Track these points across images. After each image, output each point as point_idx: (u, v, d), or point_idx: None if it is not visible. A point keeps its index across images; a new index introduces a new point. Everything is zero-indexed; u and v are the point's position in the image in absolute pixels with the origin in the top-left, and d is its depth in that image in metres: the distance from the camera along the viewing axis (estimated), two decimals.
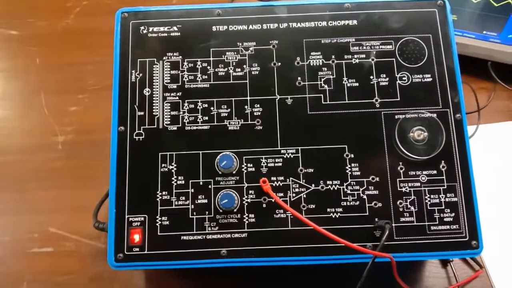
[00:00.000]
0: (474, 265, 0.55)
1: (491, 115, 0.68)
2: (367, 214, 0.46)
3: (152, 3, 0.84)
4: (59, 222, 0.60)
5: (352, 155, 0.47)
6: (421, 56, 0.49)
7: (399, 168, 0.46)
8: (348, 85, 0.49)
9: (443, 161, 0.46)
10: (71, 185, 0.63)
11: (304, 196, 0.46)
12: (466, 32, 0.69)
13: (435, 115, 0.47)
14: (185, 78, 0.49)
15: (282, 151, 0.47)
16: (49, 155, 0.66)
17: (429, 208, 0.46)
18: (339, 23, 0.50)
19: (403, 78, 0.49)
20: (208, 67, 0.49)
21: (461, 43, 0.69)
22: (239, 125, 0.48)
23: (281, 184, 0.46)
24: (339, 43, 0.50)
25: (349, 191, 0.46)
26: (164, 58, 0.49)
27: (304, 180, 0.46)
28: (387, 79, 0.49)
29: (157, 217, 0.46)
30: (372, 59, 0.49)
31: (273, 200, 0.45)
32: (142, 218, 0.46)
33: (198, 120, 0.48)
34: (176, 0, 0.84)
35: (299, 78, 0.49)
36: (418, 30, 0.50)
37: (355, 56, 0.49)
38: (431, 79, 0.48)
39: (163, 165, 0.47)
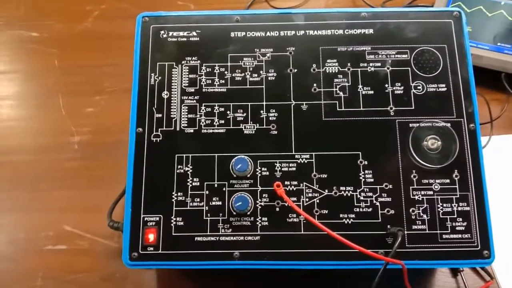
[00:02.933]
0: (485, 275, 0.54)
1: (504, 127, 0.68)
2: (380, 221, 0.46)
3: (169, 9, 0.86)
4: (74, 220, 0.61)
5: (366, 162, 0.47)
6: (436, 66, 0.50)
7: (412, 176, 0.47)
8: (363, 92, 0.49)
9: (456, 170, 0.47)
10: (86, 185, 0.64)
11: (317, 201, 0.47)
12: (480, 43, 0.69)
13: (449, 124, 0.48)
14: (203, 82, 0.50)
15: (296, 156, 0.48)
16: (65, 155, 0.67)
17: (441, 216, 0.46)
18: (355, 31, 0.51)
19: (418, 87, 0.49)
20: (226, 72, 0.50)
21: (475, 54, 0.70)
22: (255, 129, 0.48)
23: (294, 189, 0.47)
24: (355, 51, 0.50)
25: (362, 198, 0.47)
26: (183, 62, 0.51)
27: (317, 185, 0.47)
28: (402, 87, 0.49)
29: (172, 217, 0.46)
30: (388, 68, 0.50)
31: (286, 204, 0.46)
32: (157, 218, 0.46)
33: (214, 123, 0.49)
34: (194, 7, 0.86)
35: (314, 85, 0.50)
36: (434, 40, 0.50)
37: (371, 64, 0.50)
38: (445, 88, 0.49)
39: (179, 166, 0.48)
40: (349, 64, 0.50)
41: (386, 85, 0.49)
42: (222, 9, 0.85)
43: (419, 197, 0.46)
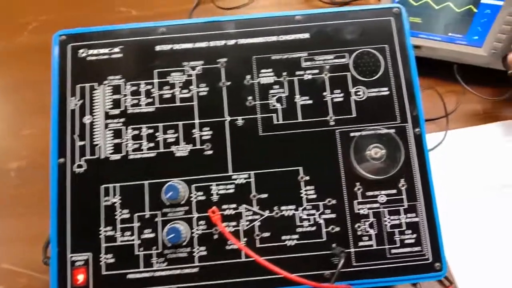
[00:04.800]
0: (444, 280, 0.52)
1: (461, 119, 0.66)
2: (325, 239, 0.43)
3: (112, 16, 0.81)
4: (12, 256, 0.57)
5: (307, 177, 0.44)
6: (377, 68, 0.47)
7: (356, 188, 0.44)
8: (301, 102, 0.46)
9: (402, 180, 0.44)
10: (25, 213, 0.60)
11: (258, 224, 0.43)
12: (432, 35, 0.66)
13: (392, 130, 0.45)
14: (128, 103, 0.46)
15: (233, 177, 0.44)
16: (1, 181, 0.62)
17: (389, 230, 0.43)
18: (290, 37, 0.47)
19: (358, 93, 0.46)
20: (153, 90, 0.46)
21: (428, 46, 0.67)
22: (187, 150, 0.45)
23: (233, 212, 0.44)
24: (291, 58, 0.47)
25: (304, 216, 0.44)
26: (105, 82, 0.46)
27: (257, 207, 0.44)
28: (342, 94, 0.46)
29: (101, 255, 0.43)
30: (326, 74, 0.47)
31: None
32: (86, 257, 0.43)
33: (142, 147, 0.45)
34: (136, 13, 0.81)
35: (249, 98, 0.46)
36: (373, 40, 0.47)
37: (308, 71, 0.47)
38: (388, 92, 0.46)
39: (106, 198, 0.44)
40: (285, 73, 0.47)
41: (325, 93, 0.46)
42: (166, 13, 0.81)
43: (365, 211, 0.44)
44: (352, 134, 0.45)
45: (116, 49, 0.47)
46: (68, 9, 0.82)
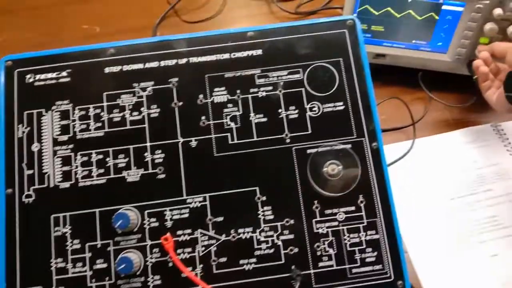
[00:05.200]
0: None
1: (428, 127, 0.66)
2: (283, 262, 0.42)
3: (75, 33, 0.80)
4: None
5: (264, 198, 0.43)
6: (332, 83, 0.46)
7: (314, 207, 0.43)
8: (256, 121, 0.45)
9: (361, 196, 0.43)
10: None
11: (214, 249, 0.42)
12: (396, 43, 0.66)
13: (349, 146, 0.44)
14: (77, 128, 0.45)
15: (188, 201, 0.43)
16: None
17: (349, 249, 0.42)
18: (242, 54, 0.46)
19: (314, 109, 0.45)
20: (102, 114, 0.45)
21: (392, 54, 0.67)
22: (139, 175, 0.43)
23: (188, 238, 0.42)
24: (244, 76, 0.46)
25: (262, 238, 0.42)
26: (53, 108, 0.45)
27: (213, 231, 0.42)
28: (297, 111, 0.45)
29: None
30: (280, 91, 0.46)
31: (180, 257, 0.41)
32: None
33: (92, 174, 0.43)
34: (100, 29, 0.80)
35: (203, 118, 0.45)
36: (327, 54, 0.46)
37: (262, 88, 0.46)
38: (343, 106, 0.45)
39: (56, 228, 0.42)
40: (238, 91, 0.45)
41: (280, 110, 0.45)
42: (130, 29, 0.80)
43: (324, 230, 0.42)
44: (308, 151, 0.44)
45: (64, 73, 0.46)
46: (29, 29, 0.80)
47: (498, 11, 0.59)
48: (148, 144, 0.44)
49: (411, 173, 0.61)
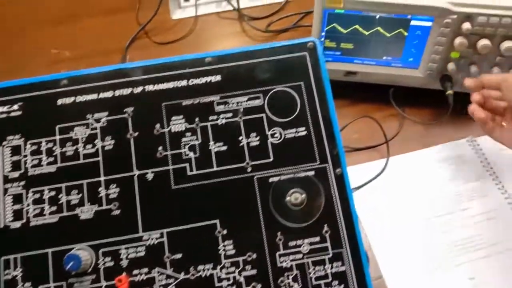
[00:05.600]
0: None
1: (403, 144, 0.64)
2: None
3: (44, 58, 0.78)
4: None
5: (225, 231, 0.41)
6: (293, 107, 0.44)
7: (277, 239, 0.41)
8: (216, 149, 0.43)
9: (325, 225, 0.41)
10: None
11: None
12: (366, 59, 0.65)
13: (312, 172, 0.42)
14: (28, 164, 0.42)
15: (144, 237, 0.41)
16: None
17: (314, 282, 0.40)
18: (201, 80, 0.45)
19: (275, 135, 0.43)
20: (54, 148, 0.43)
21: (363, 72, 0.66)
22: (93, 212, 0.41)
23: (145, 278, 0.40)
24: (203, 103, 0.44)
25: (223, 275, 0.40)
26: (3, 143, 0.43)
27: (172, 269, 0.40)
28: (258, 138, 0.43)
29: None
30: (240, 118, 0.44)
31: None
32: None
33: (44, 212, 0.41)
34: (69, 53, 0.78)
35: (160, 148, 0.43)
36: (288, 78, 0.45)
37: (221, 116, 0.44)
38: (305, 132, 0.44)
39: (6, 271, 0.40)
40: (197, 119, 0.44)
41: (240, 138, 0.43)
42: (100, 51, 0.78)
43: (287, 263, 0.40)
44: (270, 180, 0.42)
45: (15, 106, 0.44)
46: None
47: (466, 25, 0.58)
48: (102, 178, 0.42)
49: (386, 192, 0.60)
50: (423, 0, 0.58)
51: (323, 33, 0.63)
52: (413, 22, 0.60)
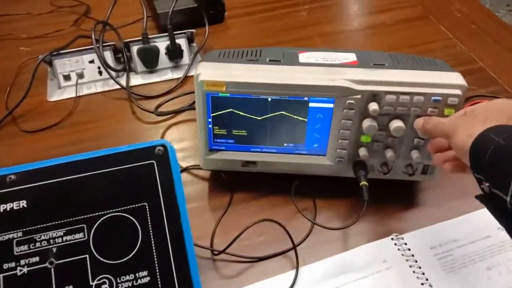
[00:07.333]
0: None
1: (315, 248, 0.52)
2: None
3: None
4: None
5: None
6: (132, 242, 0.31)
7: None
8: None
9: None
10: None
11: None
12: (265, 147, 0.54)
13: None
14: None
15: None
16: None
17: None
18: None
19: (104, 286, 0.30)
20: None
21: (263, 161, 0.54)
22: None
23: None
24: None
25: None
26: None
27: None
28: None
29: None
30: (51, 263, 0.30)
31: None
32: None
33: None
34: None
35: None
36: (126, 199, 0.32)
37: (22, 262, 0.30)
38: (148, 278, 0.30)
39: None
40: None
41: None
42: None
43: None
44: None
45: None
46: None
47: (373, 106, 0.49)
48: None
49: None
50: (319, 80, 0.49)
51: (210, 119, 0.52)
52: (311, 104, 0.50)
